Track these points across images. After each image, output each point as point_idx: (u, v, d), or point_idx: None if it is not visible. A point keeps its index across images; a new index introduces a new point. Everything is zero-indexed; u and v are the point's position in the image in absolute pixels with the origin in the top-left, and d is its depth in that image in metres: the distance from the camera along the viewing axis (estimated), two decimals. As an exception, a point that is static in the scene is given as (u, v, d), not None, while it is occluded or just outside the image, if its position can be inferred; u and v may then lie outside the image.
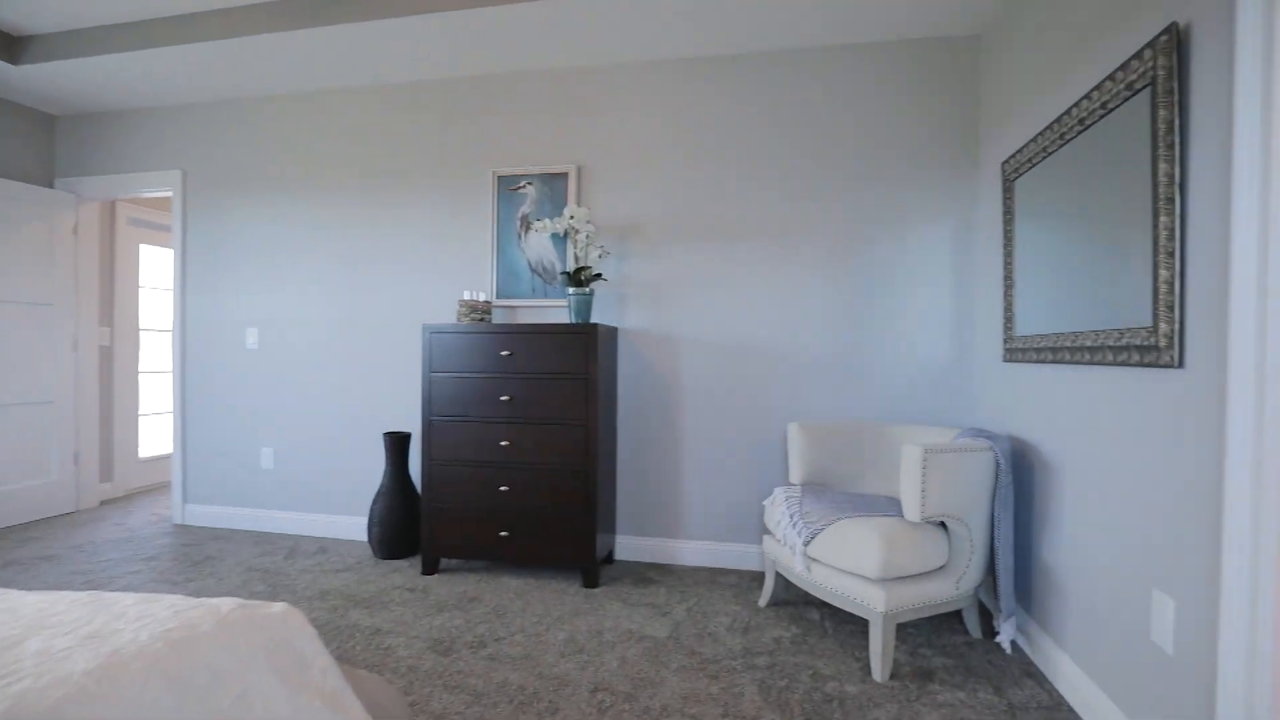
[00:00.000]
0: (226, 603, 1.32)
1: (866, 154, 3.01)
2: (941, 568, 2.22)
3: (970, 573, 2.23)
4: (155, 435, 5.07)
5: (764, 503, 2.82)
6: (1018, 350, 2.40)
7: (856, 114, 3.02)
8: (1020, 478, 2.37)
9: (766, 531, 3.06)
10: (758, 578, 3.02)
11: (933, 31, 2.91)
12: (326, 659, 1.32)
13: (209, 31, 3.07)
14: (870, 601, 2.11)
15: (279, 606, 1.35)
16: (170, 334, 3.88)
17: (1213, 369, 1.39)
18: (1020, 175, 2.36)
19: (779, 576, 2.67)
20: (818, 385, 3.07)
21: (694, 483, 3.21)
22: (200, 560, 3.22)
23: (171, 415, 3.96)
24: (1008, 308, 2.49)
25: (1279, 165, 1.20)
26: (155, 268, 5.06)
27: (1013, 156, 2.41)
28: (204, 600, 1.32)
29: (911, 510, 2.13)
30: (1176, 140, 1.48)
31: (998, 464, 2.25)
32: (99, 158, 4.04)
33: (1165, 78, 1.49)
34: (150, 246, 4.98)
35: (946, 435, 2.64)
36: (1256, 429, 1.25)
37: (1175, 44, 1.48)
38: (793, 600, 2.74)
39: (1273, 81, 1.21)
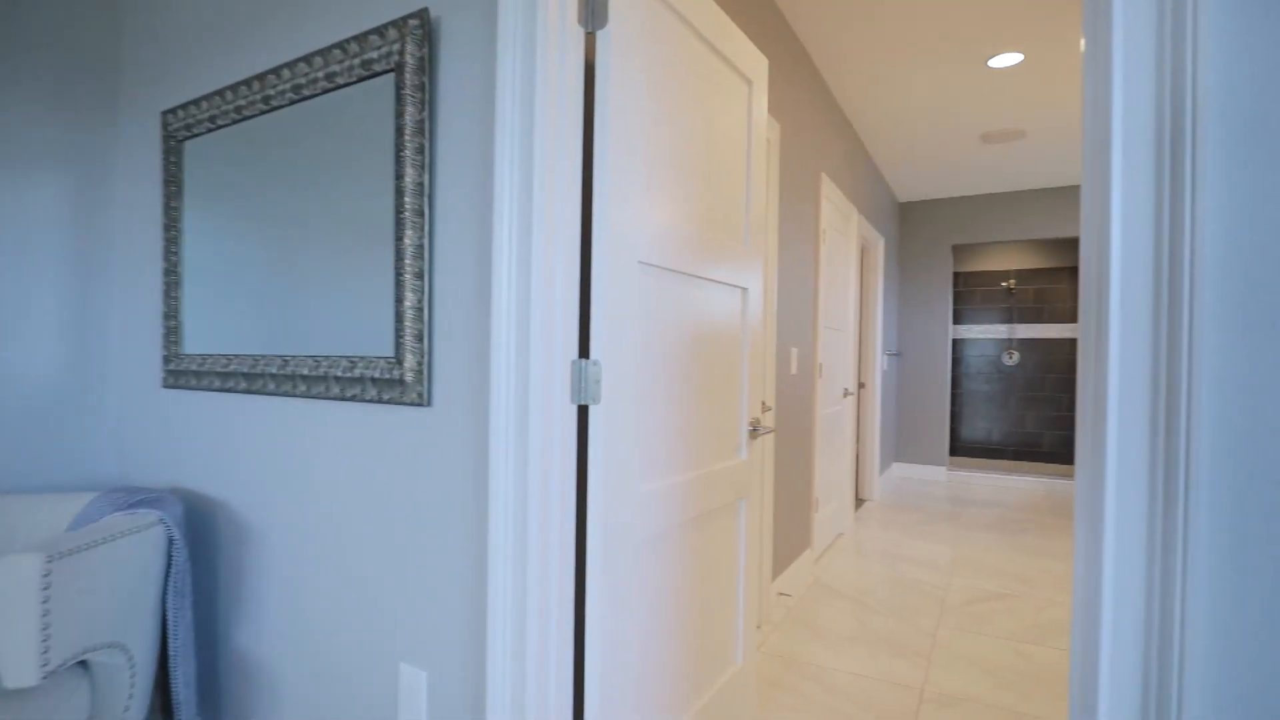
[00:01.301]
0: None
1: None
2: (83, 733, 1.38)
3: (133, 712, 1.47)
4: None
5: None
6: (190, 373, 1.77)
7: None
8: (202, 549, 1.75)
9: None
10: None
11: None
12: None
13: None
14: None
15: None
16: None
17: (468, 409, 1.26)
18: (196, 136, 1.73)
19: None
20: None
21: None
22: None
23: None
24: (172, 314, 1.81)
25: (541, 185, 1.15)
26: None
27: (184, 107, 1.74)
28: None
29: (25, 669, 1.20)
30: (428, 145, 1.28)
31: (171, 540, 1.57)
32: None
33: (415, 69, 1.27)
34: None
35: (75, 503, 1.71)
36: (519, 476, 1.18)
37: (427, 34, 1.27)
38: None
39: (534, 99, 1.14)
